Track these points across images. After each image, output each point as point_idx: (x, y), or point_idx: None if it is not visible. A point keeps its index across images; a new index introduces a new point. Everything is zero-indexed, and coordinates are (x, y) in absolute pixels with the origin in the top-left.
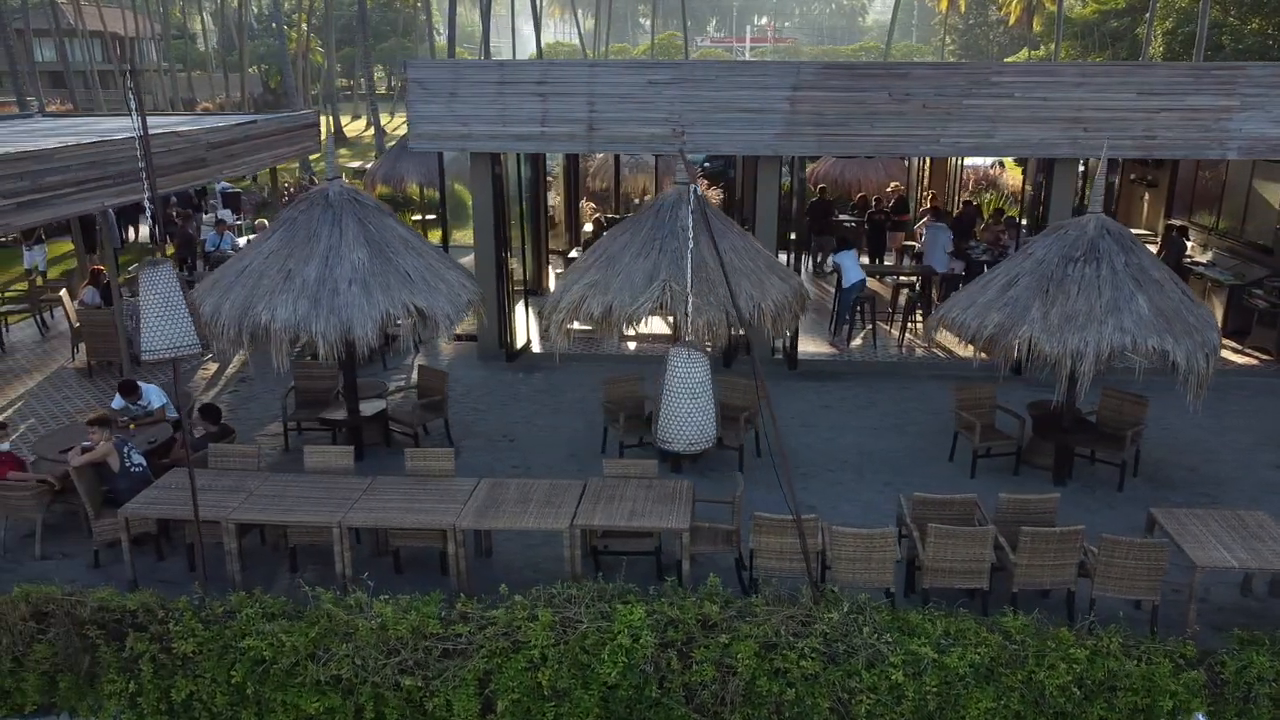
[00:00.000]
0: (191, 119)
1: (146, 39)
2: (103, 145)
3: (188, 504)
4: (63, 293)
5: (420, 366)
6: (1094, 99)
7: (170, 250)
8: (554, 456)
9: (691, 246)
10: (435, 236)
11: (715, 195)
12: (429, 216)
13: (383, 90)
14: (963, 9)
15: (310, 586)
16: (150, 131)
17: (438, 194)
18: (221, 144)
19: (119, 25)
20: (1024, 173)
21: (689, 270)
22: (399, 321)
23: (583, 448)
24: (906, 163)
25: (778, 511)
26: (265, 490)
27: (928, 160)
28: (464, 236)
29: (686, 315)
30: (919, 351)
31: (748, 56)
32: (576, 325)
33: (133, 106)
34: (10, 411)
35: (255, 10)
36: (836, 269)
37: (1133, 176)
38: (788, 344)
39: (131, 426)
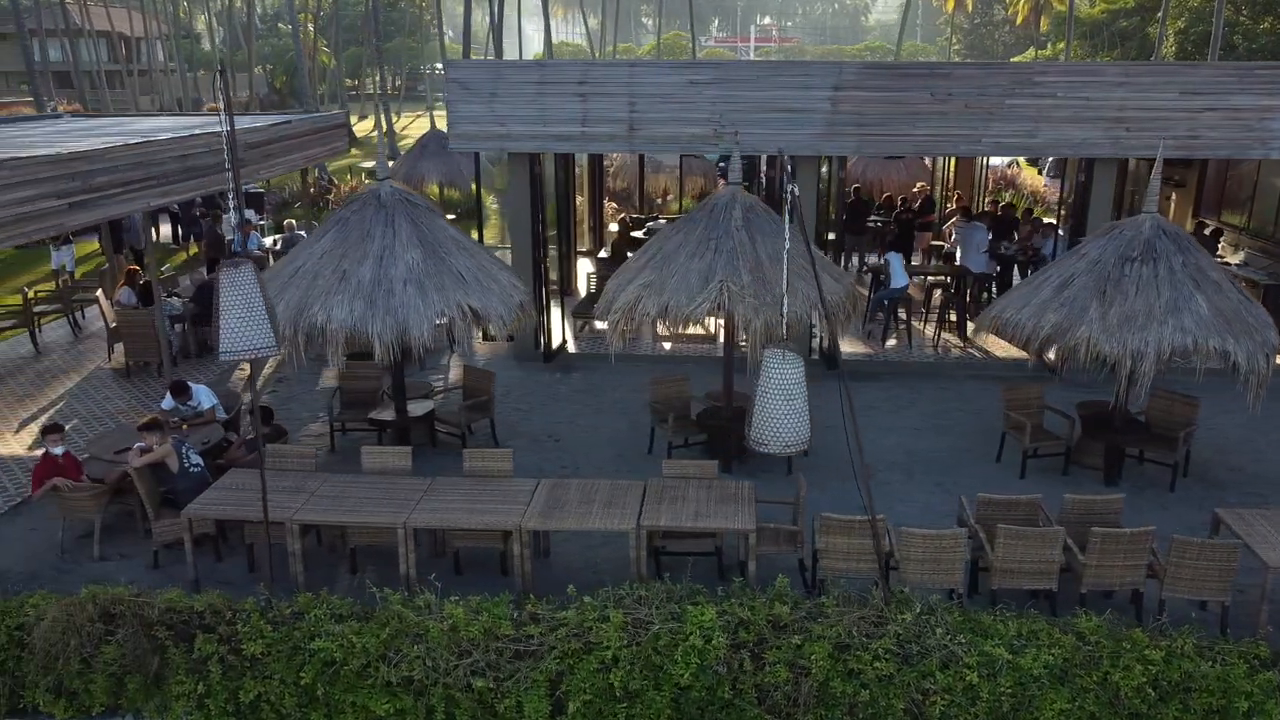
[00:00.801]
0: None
1: (153, 39)
2: (148, 145)
3: (250, 505)
4: (99, 293)
5: (465, 367)
6: (1137, 99)
7: (194, 250)
8: (601, 457)
9: (788, 247)
10: None
11: None
12: (449, 216)
13: (387, 90)
14: (970, 8)
15: (378, 588)
16: (192, 132)
17: (463, 194)
18: (259, 144)
19: (124, 25)
20: (1040, 172)
21: (784, 273)
22: (438, 321)
23: (629, 448)
24: (930, 163)
25: (831, 512)
26: (326, 491)
27: (953, 161)
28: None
29: (782, 316)
30: (955, 351)
31: (752, 56)
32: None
33: (222, 106)
34: (52, 412)
35: (259, 10)
36: (885, 267)
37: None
38: (825, 344)
39: (184, 427)
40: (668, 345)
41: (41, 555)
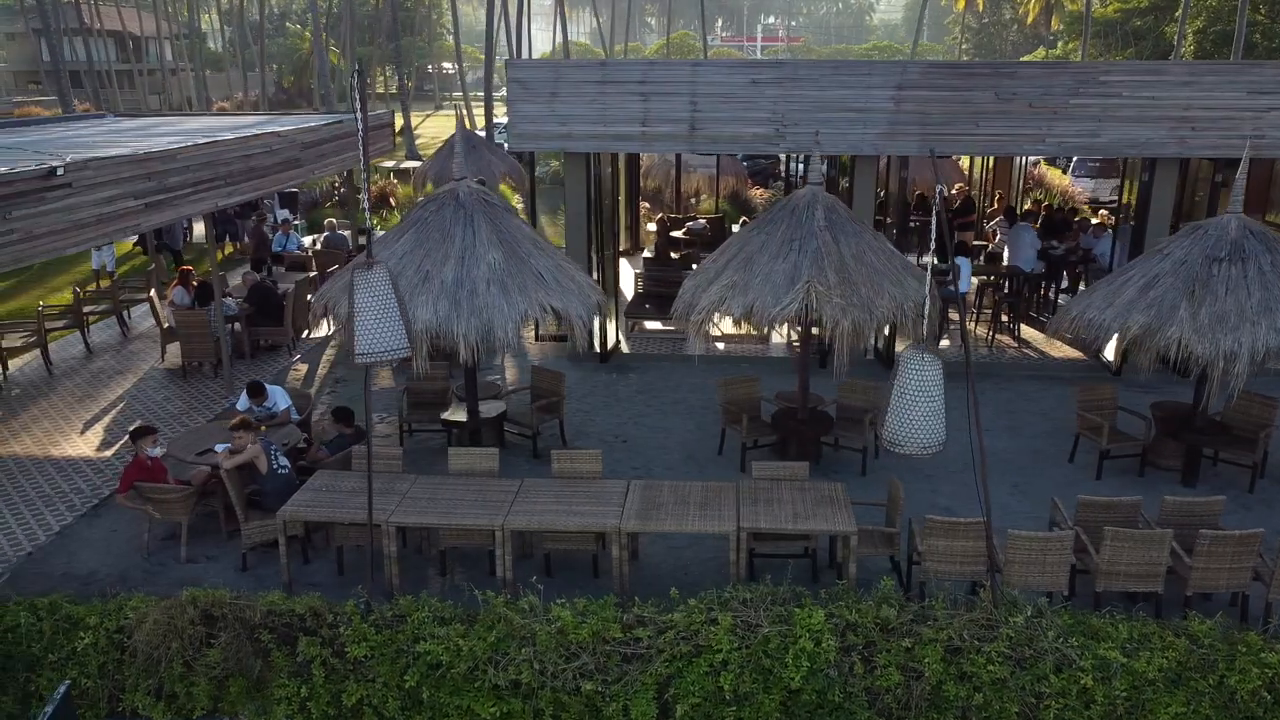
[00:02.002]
0: (266, 119)
1: (162, 38)
2: (215, 146)
3: (342, 506)
4: (151, 293)
5: (535, 367)
6: (1202, 98)
7: (229, 250)
8: (671, 458)
9: (932, 259)
10: None
11: (762, 194)
12: None
13: (393, 90)
14: (981, 7)
15: (479, 591)
16: (251, 132)
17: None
18: (313, 144)
19: (133, 25)
20: (1064, 171)
21: (928, 275)
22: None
23: (698, 449)
24: (968, 163)
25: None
26: (417, 493)
27: (991, 161)
28: None
29: (924, 318)
30: (1010, 352)
31: (759, 55)
32: (659, 325)
33: (357, 104)
34: (114, 413)
35: (266, 9)
36: (954, 271)
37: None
38: (880, 344)
39: (263, 429)
40: (721, 345)
41: (127, 557)
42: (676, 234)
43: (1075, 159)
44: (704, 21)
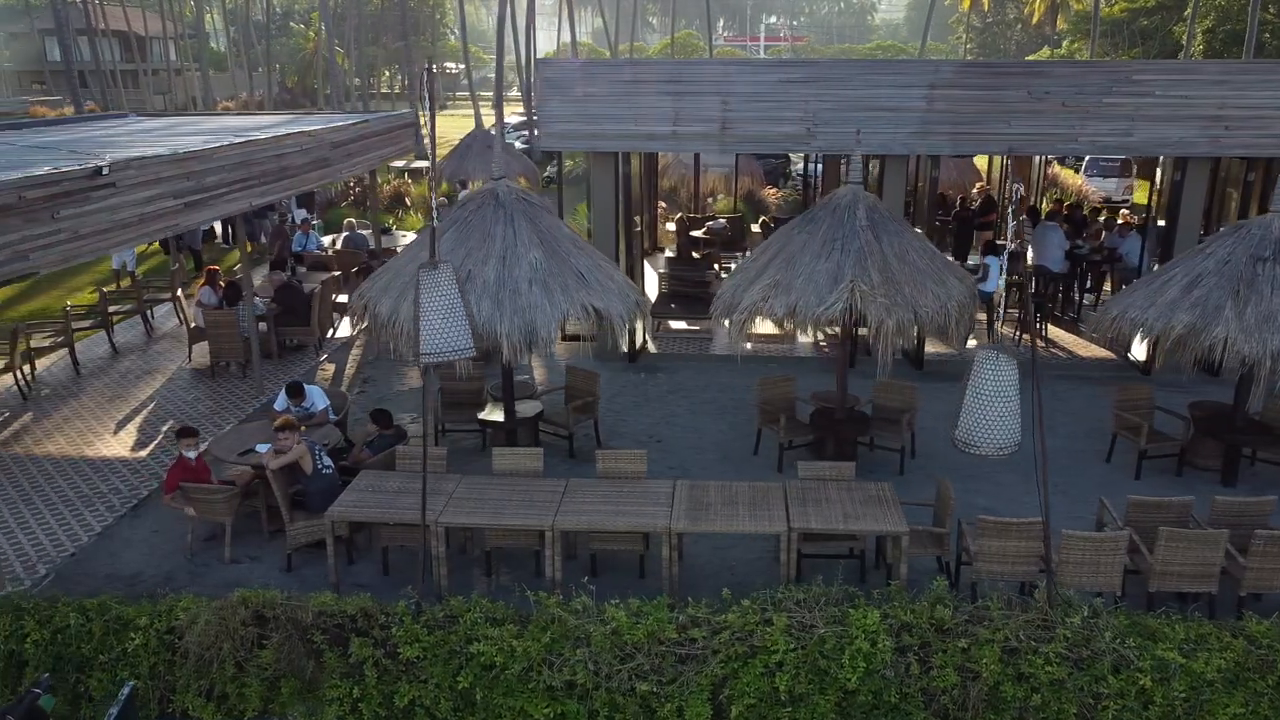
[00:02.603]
0: (291, 118)
1: (167, 38)
2: (249, 145)
3: (390, 507)
4: (178, 292)
5: (569, 367)
6: (1235, 97)
7: (249, 249)
8: (707, 458)
9: (1011, 246)
10: None
11: (774, 194)
12: None
13: (396, 89)
14: (986, 6)
15: (533, 592)
16: (278, 132)
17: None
18: (342, 143)
19: (137, 25)
20: (1077, 171)
21: (998, 274)
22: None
23: (733, 449)
24: (987, 162)
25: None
26: (463, 493)
27: (1009, 160)
28: None
29: (997, 319)
30: (1038, 351)
31: (763, 54)
32: (684, 324)
33: (429, 102)
34: (145, 413)
35: (269, 9)
36: (982, 270)
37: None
38: (913, 344)
39: (303, 429)
40: (749, 345)
41: (171, 557)
42: (696, 233)
43: (1088, 158)
44: (709, 21)
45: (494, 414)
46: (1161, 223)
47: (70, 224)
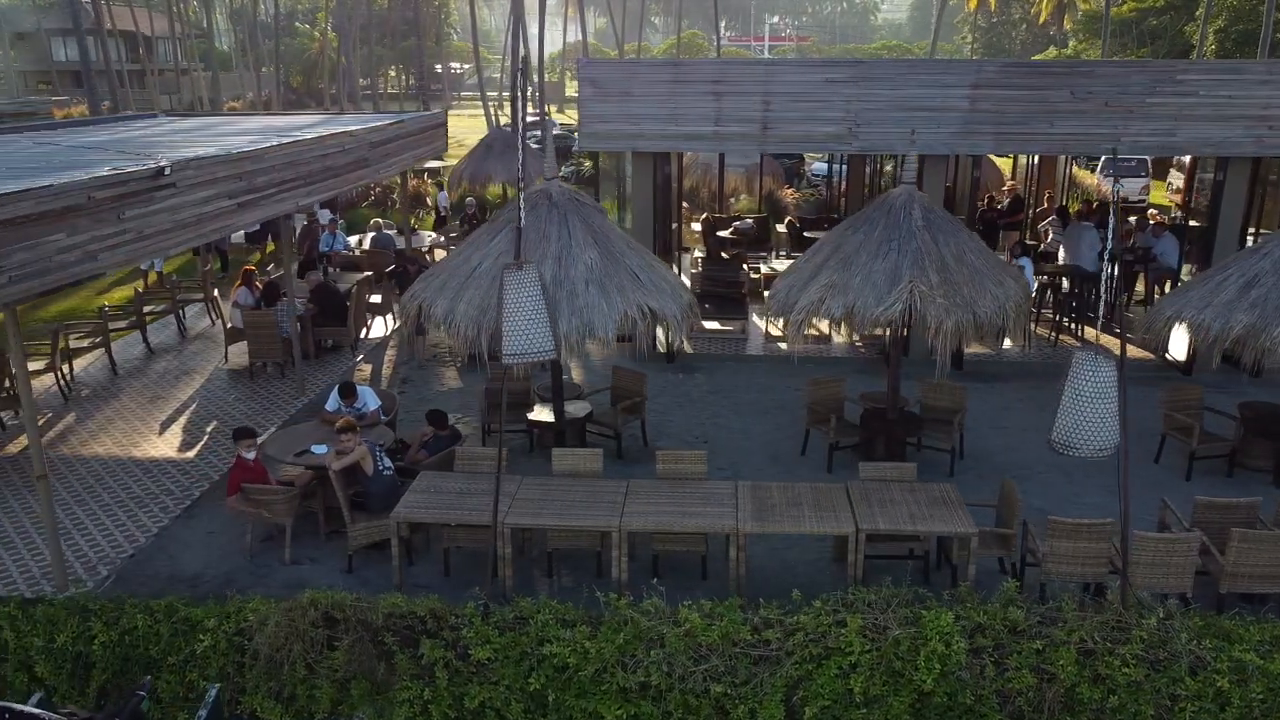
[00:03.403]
0: (326, 118)
1: (175, 38)
2: (295, 145)
3: (453, 508)
4: (215, 293)
5: (616, 368)
6: None
7: (270, 248)
8: (757, 459)
9: (1108, 247)
10: None
11: (791, 195)
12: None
13: (398, 90)
14: (993, 6)
15: (603, 593)
16: (315, 133)
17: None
18: (380, 143)
19: (144, 25)
20: (1093, 172)
21: (1107, 273)
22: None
23: (782, 450)
24: (1011, 162)
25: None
26: (525, 494)
27: (1037, 160)
28: None
29: (1116, 321)
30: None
31: (767, 54)
32: (717, 325)
33: (519, 102)
34: (188, 414)
35: (278, 8)
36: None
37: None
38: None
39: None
40: (784, 345)
41: (230, 558)
42: (723, 234)
43: (1103, 158)
44: (717, 19)
45: (543, 414)
46: (1193, 223)
47: (135, 224)
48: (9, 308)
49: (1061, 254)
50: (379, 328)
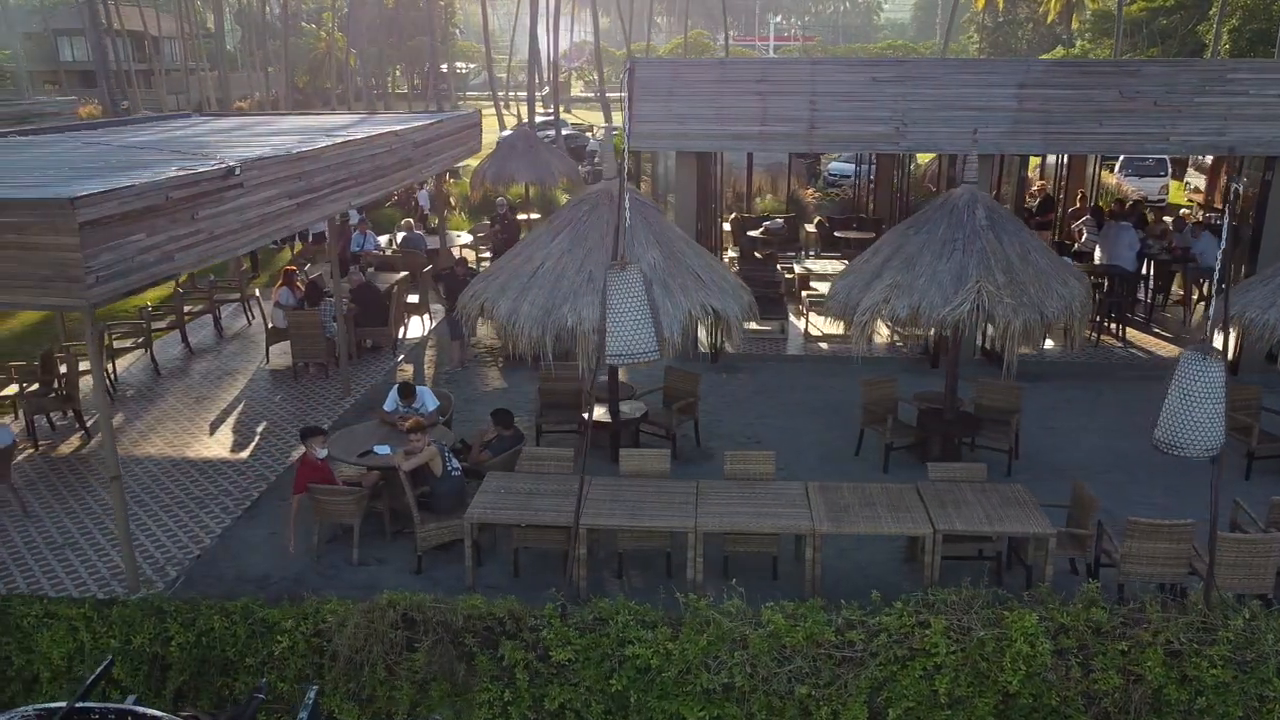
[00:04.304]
0: (361, 118)
1: (182, 37)
2: (348, 145)
3: (526, 509)
4: (256, 293)
5: (668, 368)
6: None
7: (298, 248)
8: (810, 459)
9: (1223, 246)
10: None
11: (810, 194)
12: (534, 215)
13: (404, 89)
14: (1000, 5)
15: (683, 595)
16: (351, 133)
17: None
18: (422, 143)
19: (150, 25)
20: (1111, 171)
21: (1217, 272)
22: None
23: (834, 450)
24: (1038, 163)
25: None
26: (595, 495)
27: (1066, 160)
28: None
29: (1219, 319)
30: (1115, 352)
31: (772, 54)
32: (754, 325)
33: (627, 101)
34: (236, 414)
35: (277, 9)
36: None
37: None
38: (987, 343)
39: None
40: (825, 345)
41: (297, 559)
42: (754, 233)
43: (1122, 158)
44: (725, 19)
45: (597, 415)
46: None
47: (208, 224)
48: (91, 310)
49: (1098, 253)
50: (415, 328)
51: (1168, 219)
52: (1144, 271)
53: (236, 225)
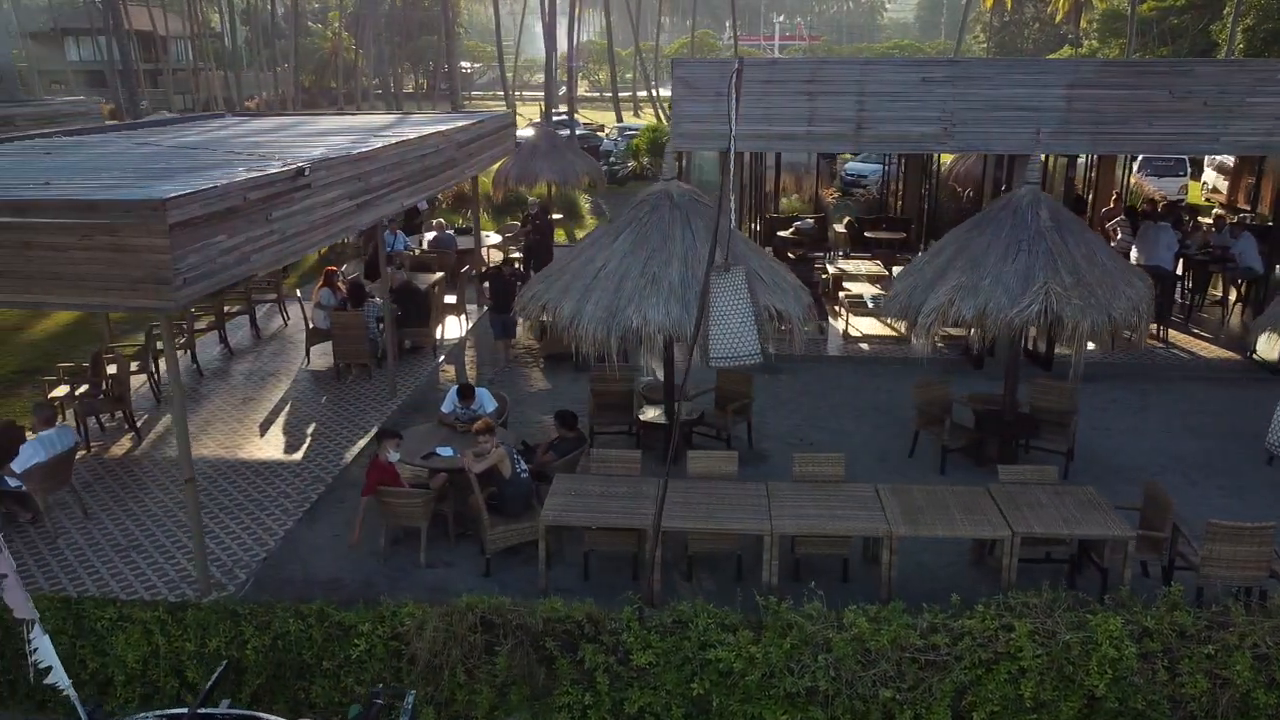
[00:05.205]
0: (397, 119)
1: (190, 37)
2: (401, 146)
3: (598, 511)
4: (297, 293)
5: (720, 369)
6: None
7: (323, 250)
8: (865, 460)
9: None
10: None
11: (829, 194)
12: (556, 215)
13: (410, 89)
14: (1009, 5)
15: (763, 597)
16: (393, 133)
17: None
18: (465, 144)
19: (158, 24)
20: (1131, 173)
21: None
22: None
23: (888, 451)
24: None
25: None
26: (669, 497)
27: (1096, 160)
28: (584, 236)
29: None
30: (1157, 353)
31: (778, 54)
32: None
33: (732, 99)
34: (284, 416)
35: (283, 9)
36: None
37: None
38: (1039, 344)
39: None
40: (865, 346)
41: (364, 561)
42: (784, 234)
43: (1141, 157)
44: (734, 18)
45: (651, 416)
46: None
47: (280, 225)
48: (177, 312)
49: (1134, 254)
50: (451, 329)
51: (1204, 219)
52: (1178, 272)
53: (305, 226)
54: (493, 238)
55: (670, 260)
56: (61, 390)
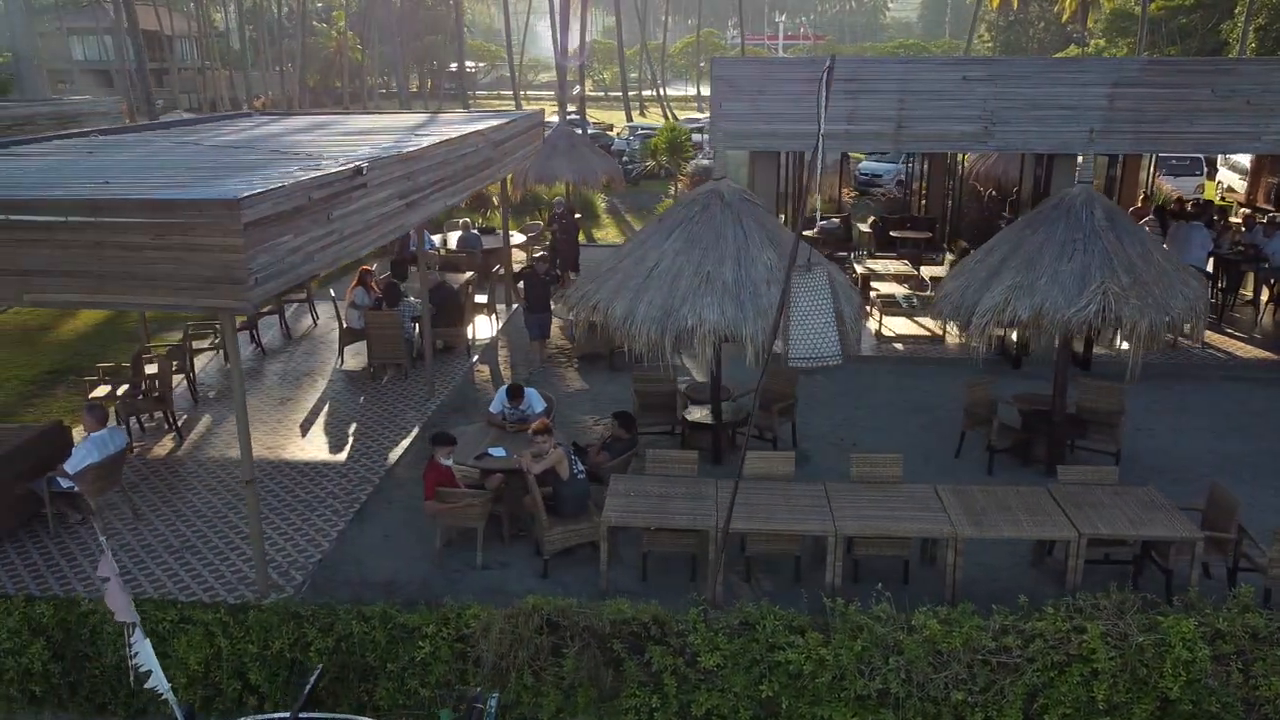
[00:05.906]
0: (427, 117)
1: (195, 36)
2: (444, 145)
3: (659, 511)
4: (331, 292)
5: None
6: None
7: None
8: (912, 461)
9: None
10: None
11: (849, 194)
12: (575, 215)
13: (415, 88)
14: (1015, 4)
15: (830, 598)
16: (429, 133)
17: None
18: (500, 143)
19: (159, 22)
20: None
21: None
22: None
23: (933, 451)
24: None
25: None
26: (725, 498)
27: (1121, 159)
28: (602, 235)
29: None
30: (1193, 353)
31: (781, 53)
32: None
33: (823, 99)
34: (323, 416)
35: (286, 8)
36: None
37: None
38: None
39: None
40: (900, 346)
41: (418, 563)
42: (808, 233)
43: (1156, 157)
44: (742, 17)
45: (696, 416)
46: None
47: (339, 225)
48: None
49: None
50: (485, 329)
51: (1234, 219)
52: (1209, 271)
53: (360, 226)
54: (516, 237)
55: (724, 260)
56: (103, 390)
